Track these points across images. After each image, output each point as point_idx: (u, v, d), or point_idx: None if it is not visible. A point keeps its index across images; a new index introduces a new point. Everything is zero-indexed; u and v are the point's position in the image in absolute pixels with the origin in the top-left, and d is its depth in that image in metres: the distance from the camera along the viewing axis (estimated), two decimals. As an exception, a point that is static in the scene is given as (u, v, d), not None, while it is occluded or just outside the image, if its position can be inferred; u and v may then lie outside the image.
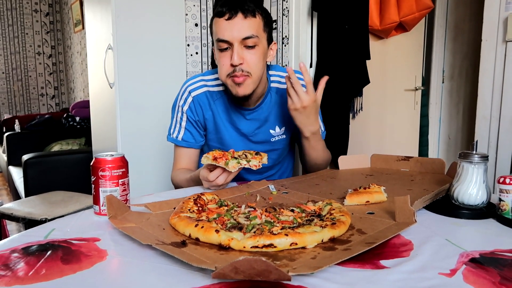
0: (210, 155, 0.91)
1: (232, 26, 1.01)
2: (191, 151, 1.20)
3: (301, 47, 1.94)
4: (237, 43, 1.01)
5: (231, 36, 1.01)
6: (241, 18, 1.01)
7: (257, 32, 1.03)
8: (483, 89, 1.52)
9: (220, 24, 1.02)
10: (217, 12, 1.03)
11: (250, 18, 1.01)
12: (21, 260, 0.58)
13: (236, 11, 1.00)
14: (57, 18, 5.17)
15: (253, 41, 1.02)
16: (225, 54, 1.03)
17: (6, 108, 4.95)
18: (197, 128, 1.18)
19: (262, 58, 1.06)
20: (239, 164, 0.90)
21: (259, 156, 0.94)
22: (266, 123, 1.18)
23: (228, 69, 1.04)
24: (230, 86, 1.06)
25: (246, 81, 1.04)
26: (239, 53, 1.01)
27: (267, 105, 1.17)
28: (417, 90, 2.61)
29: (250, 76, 1.04)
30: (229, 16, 1.00)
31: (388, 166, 1.21)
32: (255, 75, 1.05)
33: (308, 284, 0.50)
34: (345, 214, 0.70)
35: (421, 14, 2.12)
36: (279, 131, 1.20)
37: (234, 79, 1.04)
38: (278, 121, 1.19)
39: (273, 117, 1.19)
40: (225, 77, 1.05)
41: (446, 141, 2.94)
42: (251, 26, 1.02)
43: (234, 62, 1.01)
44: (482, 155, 0.79)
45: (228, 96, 1.15)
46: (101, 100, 2.32)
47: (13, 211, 1.78)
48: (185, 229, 0.65)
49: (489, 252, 0.60)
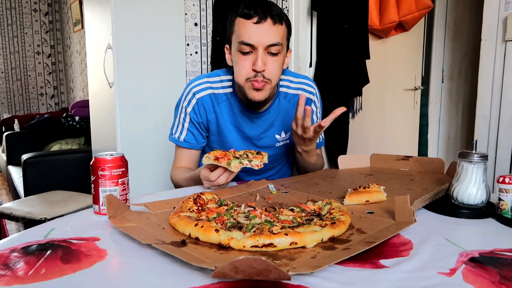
0: (212, 155, 0.91)
1: (259, 31, 0.99)
2: (192, 152, 1.20)
3: (301, 47, 1.94)
4: (262, 49, 1.00)
5: (257, 41, 0.99)
6: (270, 24, 0.99)
7: (282, 40, 1.02)
8: (483, 89, 1.52)
9: (247, 27, 0.99)
10: (244, 14, 1.00)
11: (278, 24, 1.00)
12: (21, 259, 0.58)
13: (266, 15, 0.98)
14: (57, 17, 5.17)
15: (277, 48, 1.01)
16: (247, 58, 1.02)
17: (5, 108, 4.95)
18: (200, 130, 1.18)
19: (281, 66, 1.06)
20: (241, 164, 0.89)
21: (260, 156, 0.94)
22: (272, 128, 1.18)
23: (248, 73, 1.02)
24: (248, 90, 1.04)
25: (265, 87, 1.04)
26: (263, 59, 1.00)
27: (275, 109, 1.17)
28: (417, 90, 2.61)
29: (269, 83, 1.04)
30: (258, 20, 0.98)
31: (387, 166, 1.21)
32: (274, 82, 1.05)
33: (308, 283, 0.50)
34: (345, 213, 0.70)
35: (421, 14, 2.12)
36: (284, 136, 1.20)
37: (253, 84, 1.02)
38: (284, 126, 1.19)
39: (280, 122, 1.18)
40: (244, 81, 1.03)
41: (446, 141, 2.94)
42: (278, 33, 1.01)
43: (258, 68, 1.00)
44: (481, 155, 0.80)
45: (235, 98, 1.14)
46: (100, 100, 2.32)
47: (13, 210, 1.78)
48: (185, 228, 0.65)
49: (488, 252, 0.60)
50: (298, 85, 1.20)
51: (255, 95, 1.04)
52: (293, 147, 1.32)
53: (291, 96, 1.18)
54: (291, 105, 1.18)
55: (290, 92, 1.18)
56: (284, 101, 1.18)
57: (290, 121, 1.18)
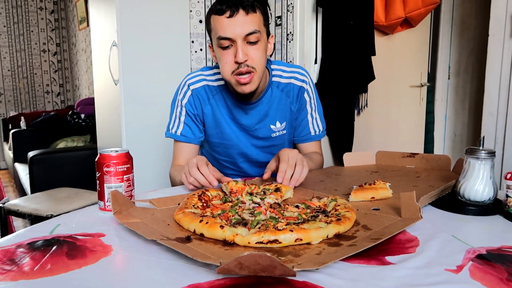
0: (229, 187, 0.85)
1: (234, 23, 0.99)
2: (191, 147, 1.19)
3: (306, 43, 1.93)
4: (240, 40, 1.00)
5: (234, 34, 1.00)
6: (243, 15, 0.99)
7: (259, 27, 1.02)
8: (490, 85, 1.51)
9: (221, 22, 1.00)
10: (216, 10, 1.01)
11: (251, 13, 1.00)
12: (27, 255, 0.58)
13: (237, 8, 0.99)
14: (62, 15, 5.19)
15: (256, 36, 1.01)
16: (227, 52, 1.02)
17: (12, 106, 4.98)
18: (196, 123, 1.18)
19: (264, 53, 1.06)
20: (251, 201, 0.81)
21: (279, 193, 0.85)
22: (267, 118, 1.18)
23: (232, 66, 1.03)
24: (235, 85, 1.05)
25: (252, 78, 1.04)
26: (244, 50, 1.01)
27: (268, 99, 1.17)
28: (423, 87, 2.59)
29: (255, 72, 1.04)
30: (230, 13, 0.99)
31: (393, 163, 1.20)
32: (259, 70, 1.05)
33: (313, 280, 0.50)
34: (350, 210, 0.69)
35: (427, 10, 2.10)
36: (279, 126, 1.20)
37: (239, 80, 1.03)
38: (278, 116, 1.19)
39: (274, 112, 1.18)
40: (230, 75, 1.04)
41: (452, 138, 2.92)
42: (253, 22, 1.01)
43: (240, 59, 1.00)
44: (489, 151, 0.79)
45: (228, 91, 1.15)
46: (106, 97, 2.33)
47: (19, 207, 1.79)
48: (190, 224, 0.65)
49: (496, 249, 0.60)
50: (290, 74, 1.19)
51: (244, 89, 1.05)
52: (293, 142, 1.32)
53: (284, 86, 1.18)
54: (284, 94, 1.18)
55: (283, 82, 1.19)
56: (277, 90, 1.18)
57: (284, 111, 1.19)
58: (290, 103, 1.19)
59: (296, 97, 1.19)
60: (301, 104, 1.21)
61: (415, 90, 2.56)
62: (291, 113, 1.21)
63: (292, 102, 1.19)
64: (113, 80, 2.07)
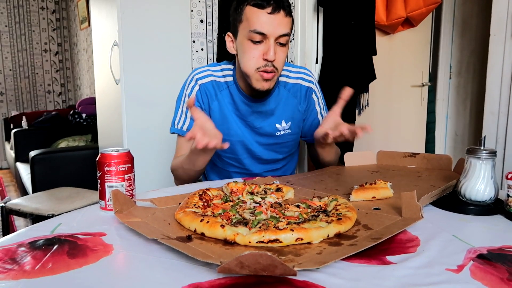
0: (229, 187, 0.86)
1: (273, 21, 1.00)
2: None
3: (307, 43, 1.93)
4: (273, 39, 1.01)
5: (271, 31, 1.00)
6: (283, 15, 1.01)
7: (291, 31, 1.06)
8: (491, 85, 1.51)
9: (260, 16, 1.00)
10: (257, 4, 1.01)
11: (289, 16, 1.03)
12: (28, 254, 0.58)
13: (279, 6, 1.00)
14: (63, 15, 5.19)
15: (286, 39, 1.04)
16: (257, 47, 1.03)
17: (13, 105, 4.99)
18: None
19: (286, 56, 1.10)
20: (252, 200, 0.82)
21: (280, 193, 0.85)
22: (272, 117, 1.18)
23: (259, 63, 1.03)
24: (256, 80, 1.06)
25: (274, 77, 1.06)
26: (275, 49, 1.02)
27: (274, 98, 1.17)
28: (424, 86, 2.59)
29: (276, 73, 1.06)
30: (272, 10, 1.00)
31: (394, 163, 1.20)
32: (280, 72, 1.08)
33: (314, 279, 0.50)
34: (351, 209, 0.69)
35: (428, 9, 2.10)
36: (285, 125, 1.20)
37: (263, 75, 1.04)
38: (284, 116, 1.19)
39: (280, 111, 1.19)
40: (254, 70, 1.04)
41: (453, 138, 2.91)
42: (289, 24, 1.04)
43: (271, 57, 1.01)
44: (490, 151, 0.79)
45: (235, 87, 1.15)
46: (107, 97, 2.33)
47: (21, 207, 1.79)
48: (191, 224, 0.65)
49: (497, 248, 0.60)
50: (297, 75, 1.21)
51: (264, 85, 1.06)
52: (299, 142, 1.32)
53: (291, 86, 1.20)
54: (291, 94, 1.20)
55: (290, 82, 1.20)
56: (284, 90, 1.19)
57: (290, 110, 1.20)
58: (297, 103, 1.21)
59: (304, 98, 1.21)
60: (310, 105, 1.23)
61: (416, 89, 2.55)
62: (298, 113, 1.21)
63: (300, 102, 1.21)
64: (114, 79, 2.07)
